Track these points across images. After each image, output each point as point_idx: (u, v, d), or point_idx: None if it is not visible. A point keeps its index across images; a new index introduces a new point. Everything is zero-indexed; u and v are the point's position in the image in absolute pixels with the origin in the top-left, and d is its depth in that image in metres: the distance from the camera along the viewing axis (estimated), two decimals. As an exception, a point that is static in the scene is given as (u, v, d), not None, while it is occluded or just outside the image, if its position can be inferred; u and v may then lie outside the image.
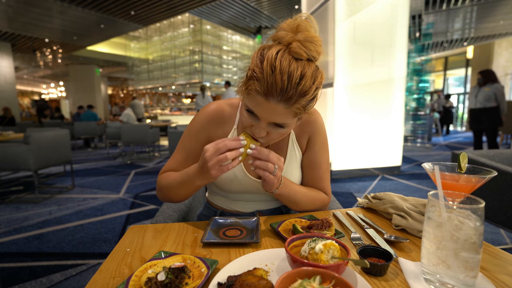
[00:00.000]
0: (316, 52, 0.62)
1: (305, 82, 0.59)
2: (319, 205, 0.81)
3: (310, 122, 0.81)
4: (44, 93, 21.03)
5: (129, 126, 5.11)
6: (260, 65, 0.59)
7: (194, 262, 0.50)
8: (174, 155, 0.82)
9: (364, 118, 3.79)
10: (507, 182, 1.30)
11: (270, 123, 0.63)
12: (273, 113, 0.60)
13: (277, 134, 0.66)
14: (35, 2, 6.27)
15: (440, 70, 12.80)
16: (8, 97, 9.19)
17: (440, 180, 0.48)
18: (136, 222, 2.39)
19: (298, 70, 0.58)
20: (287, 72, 0.57)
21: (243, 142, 0.61)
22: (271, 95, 0.58)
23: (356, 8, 3.59)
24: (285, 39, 0.60)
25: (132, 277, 0.45)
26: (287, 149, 0.81)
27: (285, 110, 0.59)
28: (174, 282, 0.43)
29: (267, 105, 0.59)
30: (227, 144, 0.60)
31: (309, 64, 0.61)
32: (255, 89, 0.59)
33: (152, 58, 12.08)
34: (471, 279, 0.41)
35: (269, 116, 0.61)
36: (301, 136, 0.82)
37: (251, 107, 0.62)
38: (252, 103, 0.61)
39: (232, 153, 0.60)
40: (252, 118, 0.64)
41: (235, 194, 0.83)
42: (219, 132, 0.79)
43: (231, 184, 0.79)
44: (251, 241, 0.59)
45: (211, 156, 0.60)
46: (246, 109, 0.64)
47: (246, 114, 0.65)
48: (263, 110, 0.60)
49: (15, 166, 2.86)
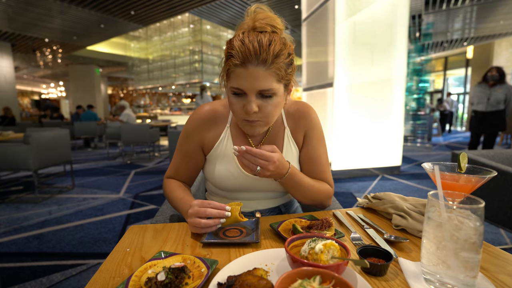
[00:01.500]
0: (278, 24, 0.69)
1: (275, 45, 0.63)
2: (324, 197, 0.81)
3: (304, 117, 0.82)
4: (44, 93, 21.02)
5: (129, 126, 5.11)
6: (231, 46, 0.65)
7: (194, 262, 0.50)
8: (173, 157, 0.85)
9: (364, 118, 3.79)
10: (507, 182, 1.30)
11: (257, 94, 0.66)
12: (255, 79, 0.63)
13: (270, 107, 0.67)
14: (35, 2, 6.27)
15: (440, 70, 12.80)
16: (8, 97, 9.18)
17: (440, 180, 0.48)
18: (136, 222, 2.39)
19: (265, 37, 0.64)
20: (256, 40, 0.63)
21: (227, 213, 0.62)
22: (248, 61, 0.62)
23: (356, 8, 3.59)
24: (247, 24, 0.68)
25: (132, 277, 0.45)
26: (282, 145, 0.82)
27: (265, 73, 0.63)
28: (174, 282, 0.43)
29: (247, 73, 0.63)
30: (208, 212, 0.61)
31: (274, 33, 0.67)
32: (233, 65, 0.63)
33: (152, 58, 12.07)
34: (471, 279, 0.41)
35: (253, 84, 0.63)
36: (296, 131, 0.83)
37: (235, 85, 0.65)
38: (234, 80, 0.65)
39: (208, 221, 0.61)
40: (240, 98, 0.67)
41: (233, 193, 0.83)
42: (211, 133, 0.81)
43: (227, 182, 0.80)
44: (251, 241, 0.58)
45: (191, 214, 0.63)
46: (232, 92, 0.67)
47: (234, 98, 0.67)
48: (246, 80, 0.63)
49: (15, 166, 2.85)
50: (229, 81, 0.67)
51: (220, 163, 0.80)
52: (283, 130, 0.82)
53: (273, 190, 0.84)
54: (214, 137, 0.81)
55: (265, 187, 0.82)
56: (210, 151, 0.81)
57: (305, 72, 4.64)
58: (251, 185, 0.81)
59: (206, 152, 0.83)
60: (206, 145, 0.82)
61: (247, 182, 0.80)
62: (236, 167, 0.79)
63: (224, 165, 0.80)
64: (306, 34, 4.53)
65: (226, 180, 0.80)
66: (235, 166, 0.79)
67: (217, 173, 0.80)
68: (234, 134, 0.81)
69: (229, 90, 0.68)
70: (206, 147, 0.82)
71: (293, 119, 0.82)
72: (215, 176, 0.80)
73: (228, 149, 0.80)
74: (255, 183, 0.80)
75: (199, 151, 0.82)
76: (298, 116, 0.82)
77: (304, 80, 4.67)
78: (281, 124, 0.83)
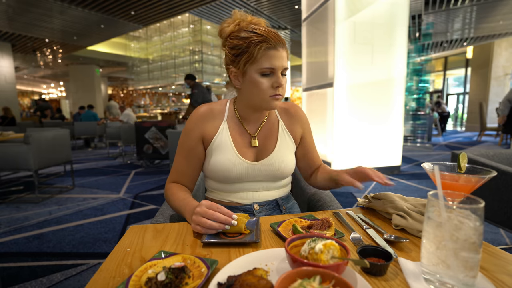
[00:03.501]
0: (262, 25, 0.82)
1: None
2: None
3: (297, 114, 0.94)
4: (44, 93, 21.01)
5: (129, 126, 5.11)
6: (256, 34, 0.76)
7: (194, 262, 0.50)
8: (175, 157, 0.88)
9: (364, 118, 3.79)
10: (507, 182, 1.30)
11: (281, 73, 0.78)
12: (284, 59, 0.77)
13: (285, 83, 0.80)
14: (35, 2, 6.27)
15: (440, 70, 12.80)
16: (8, 97, 9.19)
17: (440, 180, 0.48)
18: (136, 222, 2.39)
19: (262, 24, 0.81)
20: (271, 29, 0.78)
21: (233, 222, 0.62)
22: (278, 44, 0.76)
23: (356, 8, 3.59)
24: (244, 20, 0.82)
25: (132, 277, 0.45)
26: (277, 134, 0.90)
27: (285, 54, 0.79)
28: (174, 282, 0.43)
29: (278, 54, 0.76)
30: (216, 216, 0.62)
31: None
32: (267, 48, 0.75)
33: (152, 58, 12.06)
34: (471, 279, 0.41)
35: (282, 62, 0.77)
36: (292, 126, 0.93)
37: (267, 65, 0.75)
38: (267, 61, 0.75)
39: (213, 223, 0.61)
40: (268, 78, 0.77)
41: (233, 185, 0.86)
42: (209, 126, 0.86)
43: (226, 172, 0.83)
44: (252, 240, 0.58)
45: (198, 212, 0.63)
46: (261, 73, 0.77)
47: (262, 78, 0.77)
48: (277, 59, 0.76)
49: (15, 166, 2.86)
50: (255, 64, 0.76)
51: (219, 153, 0.84)
52: (277, 122, 0.92)
53: (271, 180, 0.88)
54: (212, 130, 0.86)
55: (264, 175, 0.86)
56: (209, 144, 0.86)
57: (305, 72, 4.63)
58: (250, 172, 0.85)
59: (206, 145, 0.87)
60: (205, 138, 0.86)
61: (246, 169, 0.84)
62: (235, 155, 0.84)
63: (223, 154, 0.84)
64: (306, 34, 4.53)
65: (225, 170, 0.83)
66: (234, 155, 0.84)
67: (217, 163, 0.84)
68: (231, 126, 0.88)
69: (257, 72, 0.77)
70: (205, 141, 0.87)
71: (286, 115, 0.94)
72: (214, 166, 0.84)
73: (226, 139, 0.85)
74: (254, 169, 0.85)
75: (200, 145, 0.87)
76: (292, 114, 0.94)
77: (304, 80, 4.67)
78: (275, 118, 0.93)
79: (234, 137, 0.86)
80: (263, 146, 0.88)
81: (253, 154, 0.87)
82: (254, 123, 0.89)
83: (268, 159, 0.86)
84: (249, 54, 0.75)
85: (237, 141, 0.86)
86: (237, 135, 0.87)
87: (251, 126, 0.89)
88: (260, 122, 0.90)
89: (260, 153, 0.87)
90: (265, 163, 0.85)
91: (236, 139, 0.86)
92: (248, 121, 0.89)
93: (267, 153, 0.87)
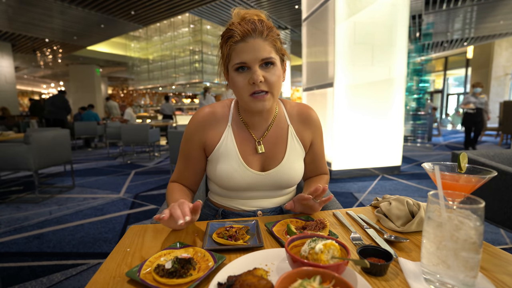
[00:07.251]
0: (262, 13, 0.76)
1: (267, 22, 0.73)
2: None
3: (310, 119, 0.87)
4: (44, 93, 21.01)
5: (130, 126, 5.11)
6: (227, 30, 0.71)
7: (204, 256, 0.53)
8: (177, 161, 0.87)
9: (364, 118, 3.79)
10: (507, 182, 1.30)
11: (260, 66, 0.70)
12: (257, 49, 0.69)
13: (273, 77, 0.71)
14: (35, 2, 6.27)
15: (440, 70, 12.81)
16: (8, 97, 9.19)
17: (440, 180, 0.48)
18: (136, 222, 2.39)
19: (257, 18, 0.73)
20: (250, 21, 0.70)
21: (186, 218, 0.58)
22: (247, 35, 0.69)
23: (356, 8, 3.59)
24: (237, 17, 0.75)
25: (146, 262, 0.50)
26: (287, 141, 0.84)
27: (264, 43, 0.69)
28: (179, 272, 0.46)
29: (248, 46, 0.69)
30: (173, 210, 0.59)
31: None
32: (234, 42, 0.69)
33: (152, 58, 12.07)
34: (471, 279, 0.41)
35: (255, 54, 0.69)
36: (303, 132, 0.86)
37: (237, 60, 0.70)
38: (237, 57, 0.70)
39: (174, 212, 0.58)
40: (244, 74, 0.71)
41: (236, 192, 0.83)
42: (211, 134, 0.81)
43: (230, 180, 0.79)
44: (255, 245, 0.57)
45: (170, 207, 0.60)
46: (236, 69, 0.71)
47: (238, 76, 0.72)
48: (247, 52, 0.69)
49: (15, 166, 2.85)
50: (230, 62, 0.72)
51: (223, 161, 0.80)
52: (286, 127, 0.85)
53: (276, 189, 0.84)
54: (215, 138, 0.81)
55: (270, 185, 0.82)
56: (212, 151, 0.81)
57: (305, 72, 4.63)
58: (256, 182, 0.81)
59: (208, 153, 0.83)
60: (207, 146, 0.82)
61: (251, 179, 0.80)
62: (240, 164, 0.79)
63: (227, 163, 0.79)
64: (306, 34, 4.53)
65: (229, 178, 0.79)
66: (239, 163, 0.79)
67: (221, 171, 0.79)
68: (236, 131, 0.82)
69: (232, 70, 0.72)
70: (207, 148, 0.82)
71: (298, 120, 0.87)
72: (219, 175, 0.80)
73: (231, 147, 0.80)
74: (260, 179, 0.81)
75: (201, 153, 0.83)
76: (303, 118, 0.87)
77: (304, 80, 4.67)
78: (284, 122, 0.86)
79: (240, 143, 0.81)
80: (271, 154, 0.82)
81: (259, 162, 0.82)
82: (259, 127, 0.83)
83: (276, 169, 0.81)
84: (222, 53, 0.74)
85: (242, 148, 0.81)
86: (242, 141, 0.82)
87: (256, 130, 0.83)
88: (266, 126, 0.83)
89: (267, 161, 0.82)
90: (272, 174, 0.81)
91: (241, 146, 0.81)
92: (253, 125, 0.82)
93: (275, 163, 0.82)
